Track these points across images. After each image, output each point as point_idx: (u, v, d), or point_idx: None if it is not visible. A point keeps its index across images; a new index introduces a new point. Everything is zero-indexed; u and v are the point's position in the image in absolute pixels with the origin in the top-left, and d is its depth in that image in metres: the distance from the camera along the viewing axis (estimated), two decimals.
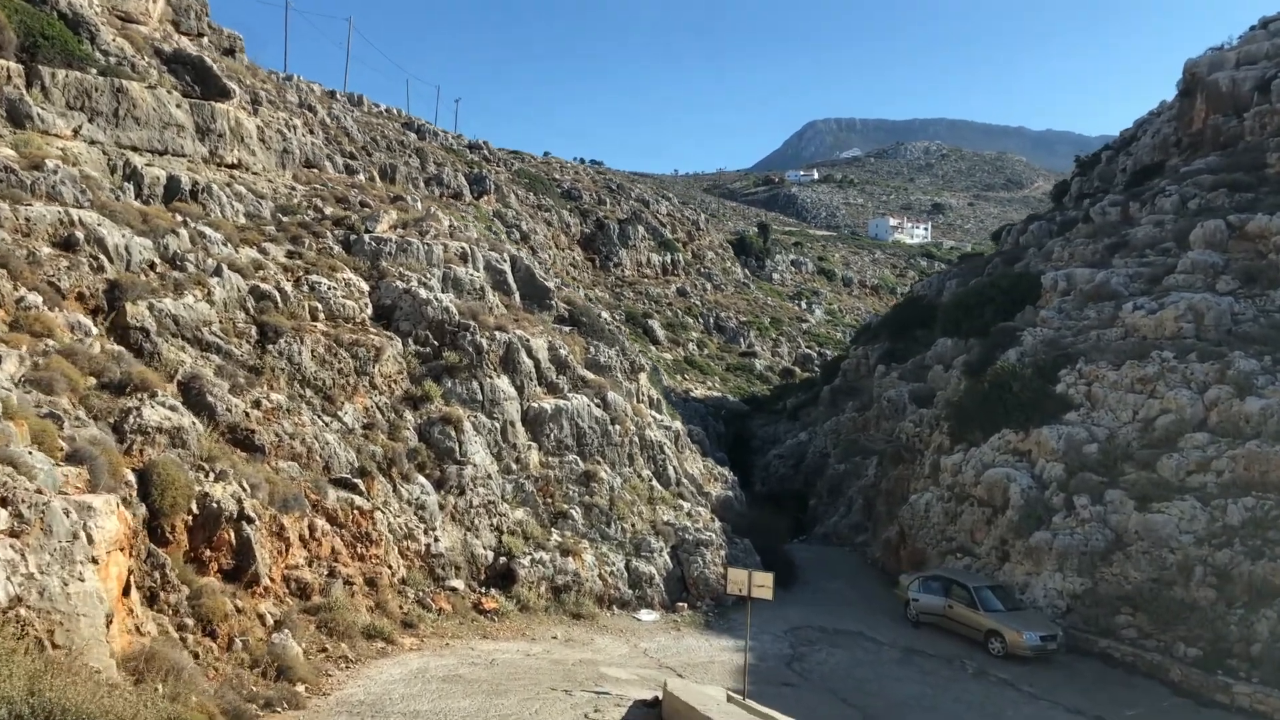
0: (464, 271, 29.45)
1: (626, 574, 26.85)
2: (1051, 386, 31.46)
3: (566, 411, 28.82)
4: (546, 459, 28.12)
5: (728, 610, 28.29)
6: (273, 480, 19.28)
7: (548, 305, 32.63)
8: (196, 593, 14.66)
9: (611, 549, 27.25)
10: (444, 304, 27.43)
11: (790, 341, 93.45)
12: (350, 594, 20.15)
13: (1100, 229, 44.15)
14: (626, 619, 26.14)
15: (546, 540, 26.01)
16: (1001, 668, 25.22)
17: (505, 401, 27.40)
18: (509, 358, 28.14)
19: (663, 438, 32.03)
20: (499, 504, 25.68)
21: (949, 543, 31.09)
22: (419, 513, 23.61)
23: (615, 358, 32.73)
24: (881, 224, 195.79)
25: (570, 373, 30.04)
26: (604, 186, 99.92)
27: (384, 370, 25.32)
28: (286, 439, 21.27)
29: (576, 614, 25.06)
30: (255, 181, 29.01)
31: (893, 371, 45.95)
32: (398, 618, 21.07)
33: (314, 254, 26.72)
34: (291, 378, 22.93)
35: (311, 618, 18.45)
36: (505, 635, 22.57)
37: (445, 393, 26.43)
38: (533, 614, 24.36)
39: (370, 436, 23.79)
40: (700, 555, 28.48)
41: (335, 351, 24.21)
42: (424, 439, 25.13)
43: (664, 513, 29.62)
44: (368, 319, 26.43)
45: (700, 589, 28.09)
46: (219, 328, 21.95)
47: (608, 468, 29.19)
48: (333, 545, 20.51)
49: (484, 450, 26.18)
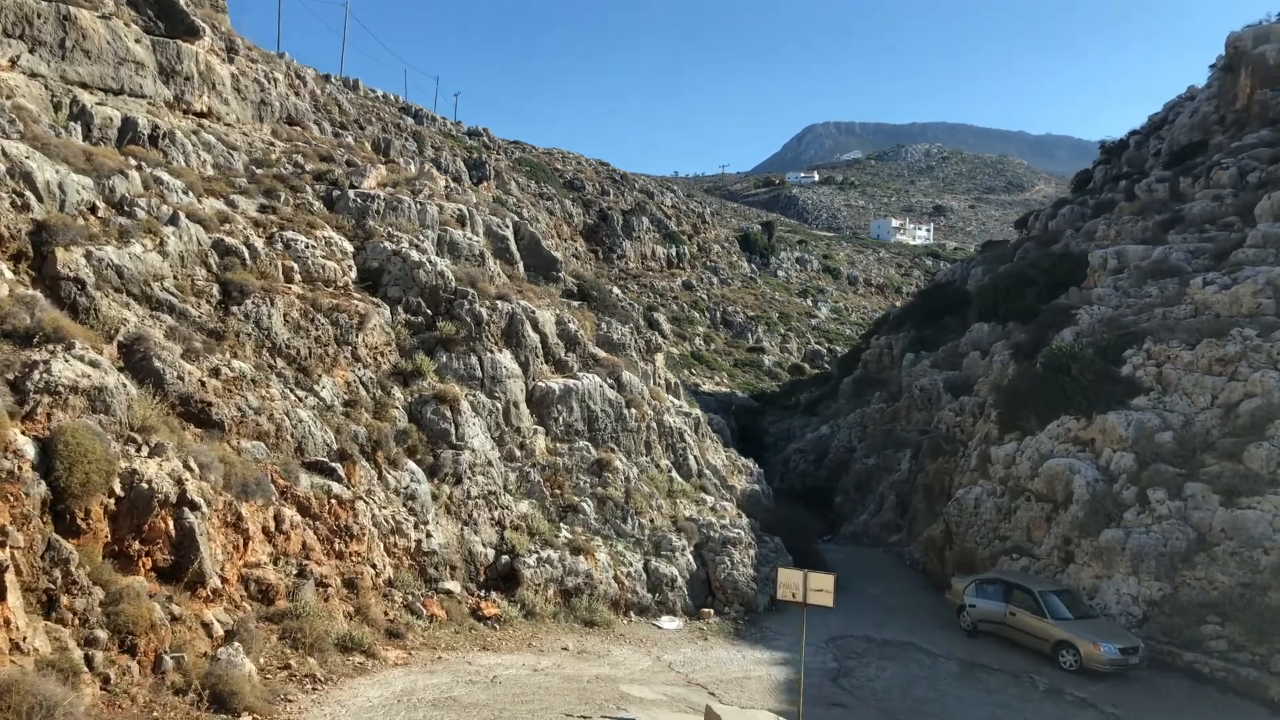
0: (461, 235, 26.18)
1: (645, 576, 23.58)
2: (1116, 368, 28.21)
3: (577, 392, 25.55)
4: (554, 445, 24.84)
5: (759, 617, 25.03)
6: (230, 461, 16.00)
7: (555, 277, 29.39)
8: (115, 596, 11.37)
9: (628, 547, 23.98)
10: (438, 268, 24.17)
11: (799, 337, 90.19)
12: (324, 598, 16.85)
13: (1148, 206, 41.09)
14: (646, 627, 22.87)
15: (555, 537, 22.75)
16: (1077, 685, 21.95)
17: (508, 379, 24.12)
18: (512, 330, 24.86)
19: (682, 424, 28.77)
20: (501, 495, 22.41)
21: (1002, 542, 27.81)
22: (408, 504, 20.33)
23: (629, 335, 29.49)
24: (884, 225, 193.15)
25: (580, 350, 26.77)
26: (607, 178, 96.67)
27: (369, 340, 22.04)
28: (251, 414, 18.00)
29: (589, 621, 21.80)
30: (227, 133, 25.75)
31: (923, 360, 42.76)
32: (381, 626, 17.78)
33: (290, 209, 23.45)
34: (260, 345, 19.65)
35: (273, 627, 15.16)
36: (509, 646, 19.29)
37: (439, 368, 23.15)
38: (540, 621, 21.09)
39: (352, 415, 20.52)
40: (727, 555, 25.20)
41: (312, 317, 20.94)
42: (415, 419, 21.86)
43: (685, 507, 26.34)
44: (351, 283, 23.16)
45: (728, 593, 24.81)
46: (173, 284, 18.68)
47: (623, 456, 25.91)
48: (304, 540, 17.22)
49: (484, 434, 22.91)
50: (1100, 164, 66.44)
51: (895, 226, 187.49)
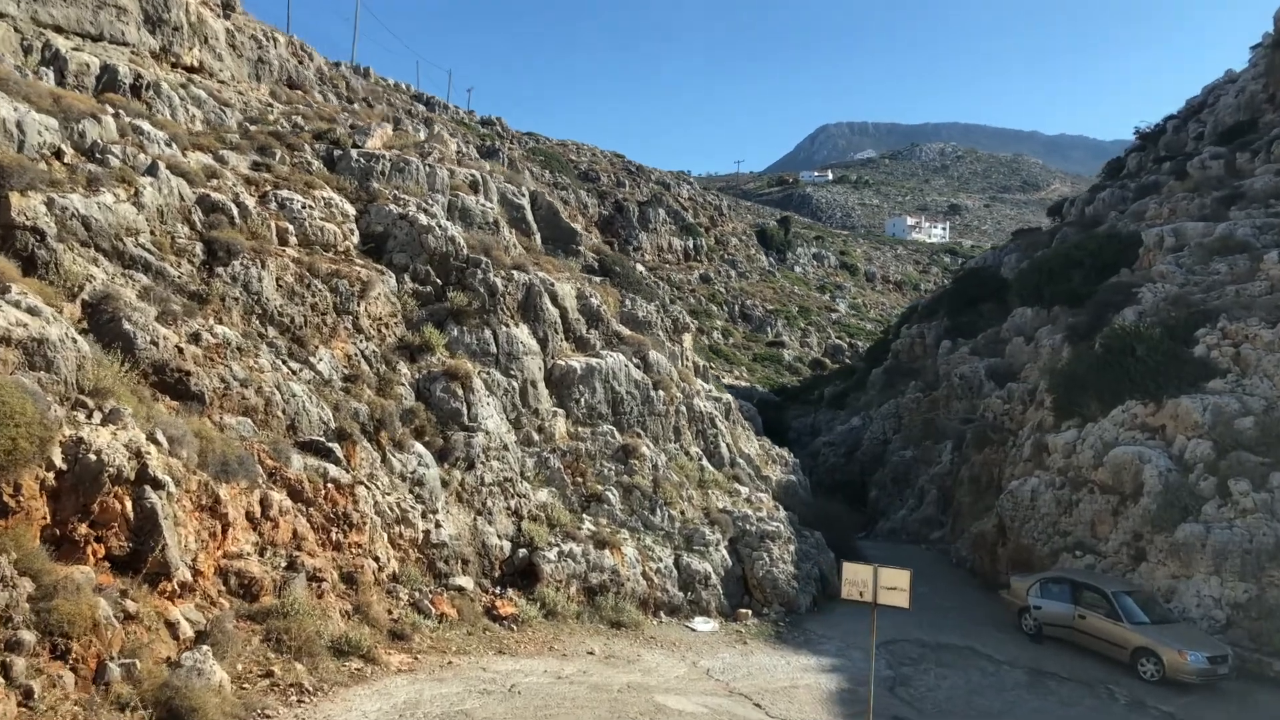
0: (474, 201, 24.00)
1: (676, 572, 21.38)
2: (1187, 349, 25.83)
3: (600, 372, 23.35)
4: (576, 429, 22.66)
5: (801, 619, 22.78)
6: (207, 436, 13.84)
7: (574, 251, 27.20)
8: (47, 590, 9.20)
9: (657, 541, 21.77)
10: (449, 233, 22.00)
11: (820, 332, 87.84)
12: (317, 594, 14.69)
13: (1202, 184, 38.67)
14: (678, 629, 20.67)
15: (577, 529, 20.56)
16: (1161, 697, 19.62)
17: (525, 356, 21.93)
18: (529, 303, 22.68)
19: (713, 409, 26.54)
20: (517, 482, 20.23)
21: (1063, 538, 25.46)
22: (415, 490, 18.17)
23: (655, 314, 27.29)
24: (899, 223, 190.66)
25: (603, 327, 24.58)
26: (622, 169, 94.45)
27: (372, 310, 19.89)
28: (236, 387, 15.84)
29: (616, 622, 19.62)
30: (220, 90, 23.64)
31: (960, 347, 40.47)
32: (384, 626, 15.61)
33: (286, 169, 21.33)
34: (248, 311, 17.51)
35: (256, 627, 13.00)
36: (527, 650, 17.10)
37: (450, 342, 20.99)
38: (561, 621, 18.90)
39: (353, 391, 18.37)
40: (765, 550, 22.96)
41: (308, 283, 18.79)
42: (423, 397, 19.70)
43: (718, 498, 24.12)
44: (353, 248, 21.01)
45: (766, 592, 22.57)
46: (149, 240, 16.55)
47: (650, 442, 23.71)
48: (295, 528, 15.06)
49: (498, 415, 20.74)
50: (1134, 150, 64.22)
51: (911, 225, 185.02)
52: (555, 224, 27.19)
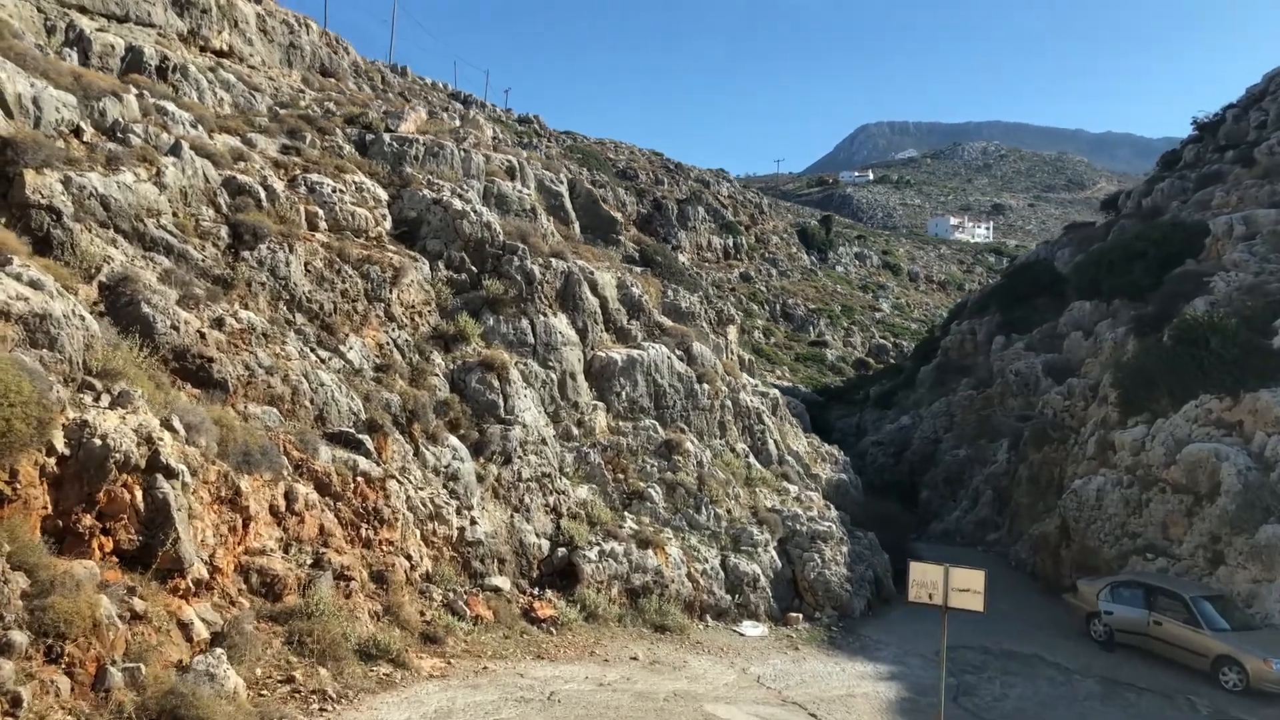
0: (511, 188, 23.13)
1: (723, 574, 20.33)
2: (1265, 340, 24.34)
3: (642, 364, 22.36)
4: (617, 423, 21.68)
5: (855, 624, 21.63)
6: (228, 424, 13.03)
7: (614, 240, 26.27)
8: (44, 586, 8.37)
9: (703, 540, 20.74)
10: (484, 219, 21.13)
11: (863, 331, 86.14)
12: (344, 594, 13.83)
13: (1271, 170, 36.89)
14: (726, 633, 19.61)
15: (619, 527, 19.58)
16: (1246, 708, 18.25)
17: (564, 347, 21.00)
18: (568, 292, 21.75)
19: (760, 404, 25.44)
20: (556, 478, 19.29)
21: (1132, 540, 24.06)
22: (450, 485, 17.29)
23: (699, 305, 26.27)
24: (942, 223, 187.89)
25: (645, 317, 23.59)
26: (661, 167, 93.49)
27: (405, 298, 19.05)
28: (261, 375, 15.04)
29: (660, 625, 18.61)
30: (250, 75, 22.96)
31: (1015, 343, 39.02)
32: (415, 629, 14.73)
33: (317, 152, 20.57)
34: (275, 296, 16.73)
35: (277, 628, 12.15)
36: (567, 654, 16.14)
37: (486, 331, 20.12)
38: (603, 625, 17.93)
39: (384, 381, 17.52)
40: (816, 551, 21.83)
41: (338, 268, 17.98)
42: (457, 389, 18.82)
43: (766, 497, 23.02)
44: (385, 234, 20.20)
45: (818, 595, 21.45)
46: (171, 221, 15.81)
47: (694, 437, 22.68)
48: (322, 523, 14.22)
49: (536, 407, 19.82)
50: (1191, 142, 62.28)
51: (954, 225, 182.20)
52: (594, 213, 26.26)
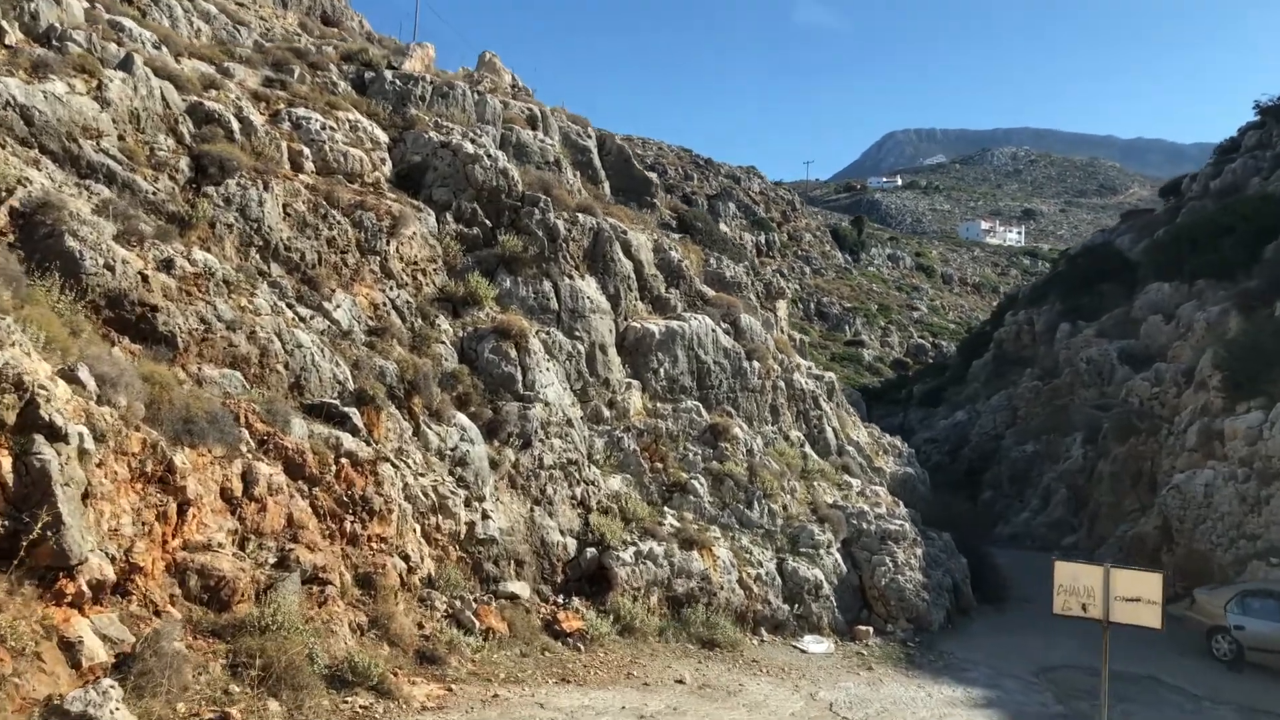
0: (532, 137, 20.23)
1: (779, 579, 17.26)
2: None
3: (682, 337, 19.35)
4: (654, 404, 18.68)
5: (934, 638, 18.46)
6: (162, 382, 10.14)
7: (649, 204, 23.33)
8: None
9: (755, 541, 17.68)
10: (500, 164, 18.23)
11: (901, 331, 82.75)
12: (318, 601, 10.89)
13: None
14: (785, 650, 16.53)
15: (658, 524, 16.57)
16: None
17: (592, 315, 18.03)
18: (598, 252, 18.80)
19: (816, 388, 22.35)
20: (584, 466, 16.30)
21: (1251, 542, 20.75)
22: (457, 471, 14.34)
23: (745, 275, 23.25)
24: (972, 227, 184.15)
25: (685, 285, 20.61)
26: (690, 163, 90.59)
27: (405, 252, 16.14)
28: (221, 330, 12.16)
29: (708, 640, 15.57)
30: (238, 11, 20.20)
31: (1083, 330, 35.71)
32: (409, 645, 11.78)
33: (306, 88, 17.74)
34: (245, 242, 13.86)
35: (220, 646, 9.22)
36: (599, 677, 13.14)
37: (501, 294, 17.19)
38: (640, 640, 14.91)
39: (379, 347, 14.61)
40: (888, 554, 18.70)
41: (324, 213, 15.10)
42: (467, 359, 15.89)
43: (825, 491, 19.92)
44: (383, 179, 17.32)
45: (890, 604, 18.31)
46: (116, 145, 12.99)
47: (743, 422, 19.63)
48: (290, 512, 11.28)
49: (560, 383, 16.85)
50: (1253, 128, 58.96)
51: (985, 229, 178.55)
52: (627, 173, 23.35)
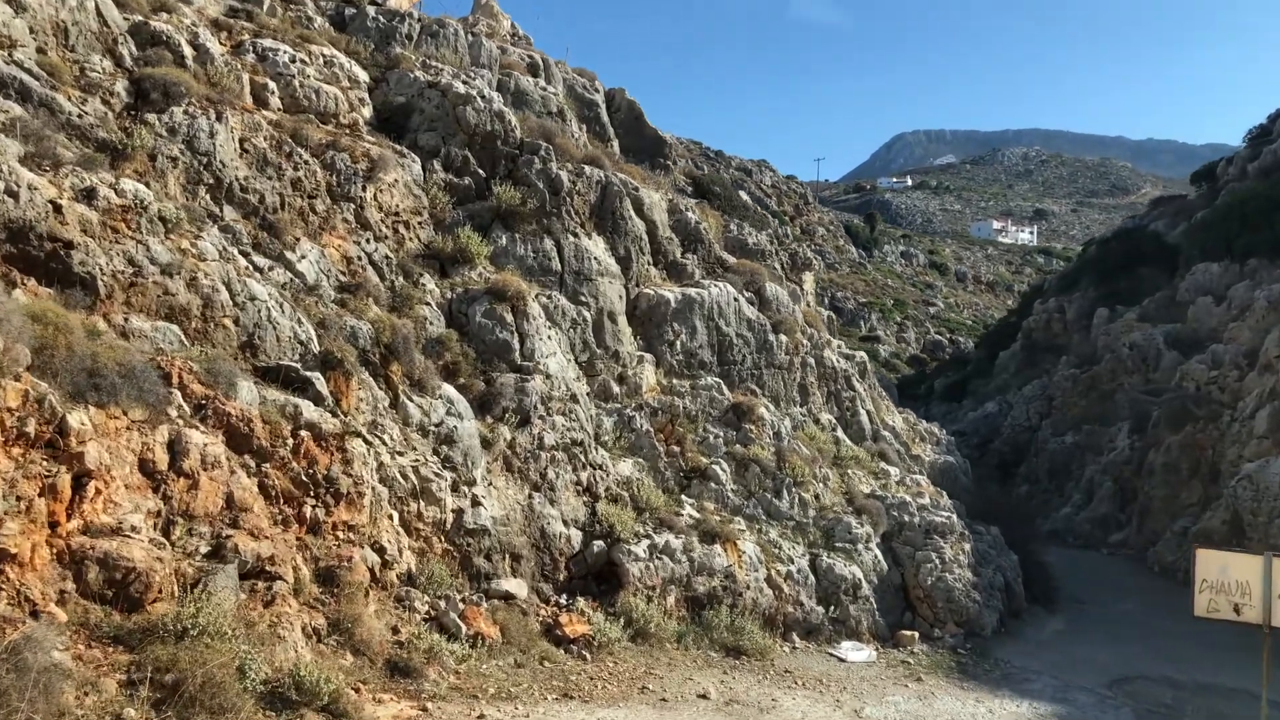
0: (532, 84, 18.17)
1: (813, 577, 15.15)
2: None
3: (701, 306, 17.26)
4: (669, 380, 16.59)
5: (987, 644, 16.31)
6: (59, 324, 8.10)
7: (662, 165, 21.25)
8: None
9: (785, 534, 15.57)
10: (495, 107, 16.16)
11: (918, 326, 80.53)
12: (263, 599, 8.84)
13: None
14: (820, 658, 14.42)
15: (675, 514, 14.48)
16: None
17: (600, 278, 15.95)
18: (606, 208, 16.73)
19: (848, 367, 20.25)
20: (591, 447, 14.23)
21: None
22: (442, 450, 12.28)
23: (768, 244, 21.18)
24: (984, 227, 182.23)
25: (704, 250, 18.54)
26: (700, 155, 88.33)
27: (385, 201, 14.09)
28: (154, 275, 10.12)
29: (733, 647, 13.48)
30: None
31: (1123, 315, 33.53)
32: (379, 654, 9.72)
33: (276, 20, 15.70)
34: (193, 179, 11.82)
35: (122, 658, 7.16)
36: (608, 691, 11.07)
37: (496, 252, 15.12)
38: (656, 646, 12.83)
39: (351, 305, 12.55)
40: (933, 549, 16.56)
41: (288, 151, 13.05)
42: (456, 323, 13.83)
43: (860, 479, 17.78)
44: (362, 122, 15.27)
45: (936, 606, 16.17)
46: (35, 59, 10.97)
47: (769, 402, 17.52)
48: (230, 492, 9.23)
49: (563, 353, 14.78)
50: None
51: (996, 229, 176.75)
52: (638, 131, 21.30)
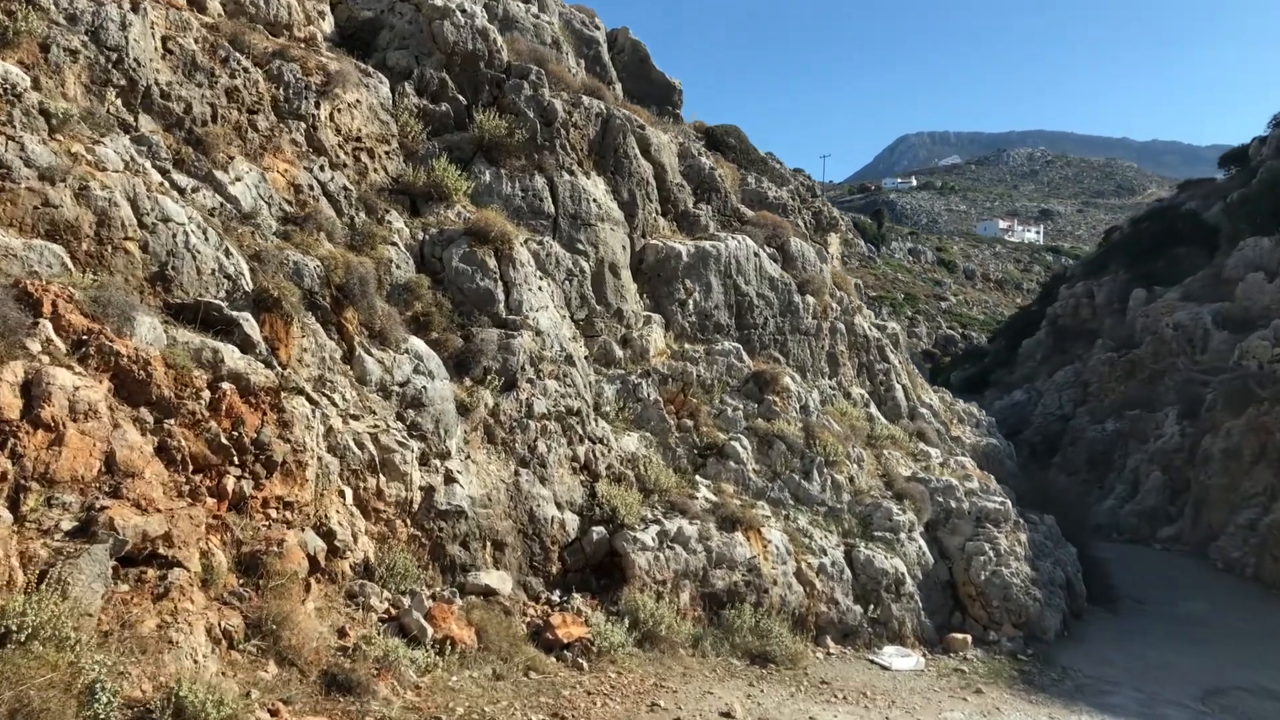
0: (522, 9, 15.95)
1: (849, 571, 12.92)
2: None
3: (717, 260, 15.05)
4: (681, 345, 14.38)
5: (1050, 649, 14.09)
6: None
7: (671, 113, 19.02)
8: None
9: (817, 521, 13.36)
10: (477, 23, 13.96)
11: (929, 321, 78.35)
12: (152, 593, 6.63)
13: None
14: (860, 666, 12.21)
15: (689, 497, 12.27)
16: None
17: (600, 224, 13.75)
18: (608, 146, 14.53)
19: (881, 336, 18.03)
20: (589, 418, 12.02)
21: None
22: (408, 415, 10.07)
23: (790, 200, 18.96)
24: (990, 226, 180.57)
25: (720, 200, 16.35)
26: None
27: (344, 124, 11.88)
28: (29, 180, 7.96)
29: (759, 654, 11.29)
30: None
31: (1162, 295, 31.30)
32: (314, 664, 7.53)
33: None
34: (99, 78, 9.63)
35: None
36: (608, 710, 8.89)
37: (479, 189, 12.93)
38: (668, 653, 10.62)
39: (297, 239, 10.34)
40: (986, 539, 14.33)
41: (224, 56, 10.84)
42: (429, 268, 11.63)
43: (898, 461, 15.55)
44: (321, 37, 13.08)
45: (991, 605, 13.95)
46: None
47: (794, 372, 15.30)
48: (109, 451, 7.00)
49: (557, 308, 12.57)
50: None
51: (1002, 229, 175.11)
52: (643, 75, 19.10)
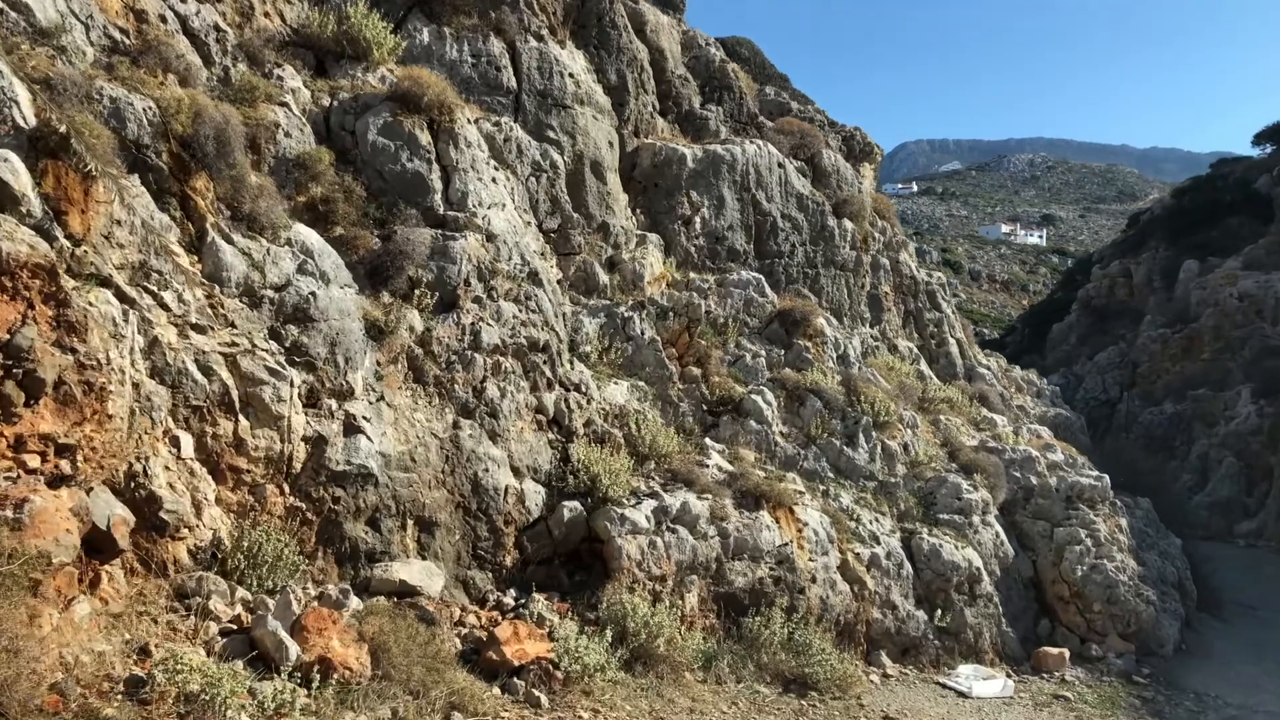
0: None
1: (909, 565, 9.61)
2: None
3: (731, 170, 11.80)
4: (685, 273, 11.13)
5: (1169, 667, 10.82)
6: None
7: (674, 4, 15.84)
8: None
9: (865, 500, 10.09)
10: None
11: None
12: None
13: None
14: (929, 691, 8.95)
15: (696, 465, 9.00)
16: None
17: (578, 108, 10.50)
18: (589, 11, 11.34)
19: (930, 281, 14.81)
20: (560, 358, 8.73)
21: None
22: (288, 332, 6.78)
23: (816, 115, 15.75)
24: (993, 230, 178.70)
25: (733, 102, 13.12)
26: None
27: None
28: None
29: (795, 677, 8.05)
30: None
31: (1219, 267, 28.07)
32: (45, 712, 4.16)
33: None
34: None
35: None
36: None
37: (413, 51, 9.73)
38: (669, 678, 7.34)
39: (123, 74, 7.10)
40: (1081, 525, 11.05)
41: None
42: (336, 142, 8.37)
43: (958, 429, 12.25)
44: None
45: (1092, 610, 10.66)
46: None
47: (829, 314, 12.02)
48: None
49: (518, 210, 9.31)
50: None
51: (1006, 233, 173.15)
52: None
